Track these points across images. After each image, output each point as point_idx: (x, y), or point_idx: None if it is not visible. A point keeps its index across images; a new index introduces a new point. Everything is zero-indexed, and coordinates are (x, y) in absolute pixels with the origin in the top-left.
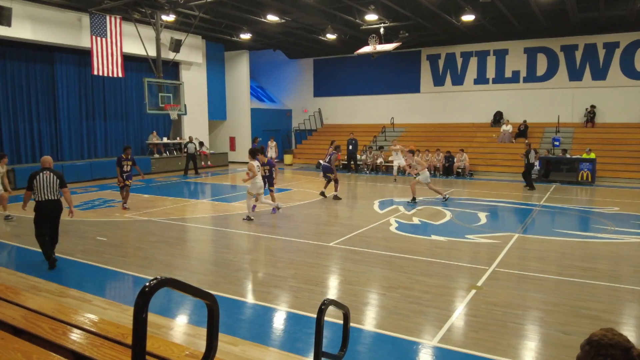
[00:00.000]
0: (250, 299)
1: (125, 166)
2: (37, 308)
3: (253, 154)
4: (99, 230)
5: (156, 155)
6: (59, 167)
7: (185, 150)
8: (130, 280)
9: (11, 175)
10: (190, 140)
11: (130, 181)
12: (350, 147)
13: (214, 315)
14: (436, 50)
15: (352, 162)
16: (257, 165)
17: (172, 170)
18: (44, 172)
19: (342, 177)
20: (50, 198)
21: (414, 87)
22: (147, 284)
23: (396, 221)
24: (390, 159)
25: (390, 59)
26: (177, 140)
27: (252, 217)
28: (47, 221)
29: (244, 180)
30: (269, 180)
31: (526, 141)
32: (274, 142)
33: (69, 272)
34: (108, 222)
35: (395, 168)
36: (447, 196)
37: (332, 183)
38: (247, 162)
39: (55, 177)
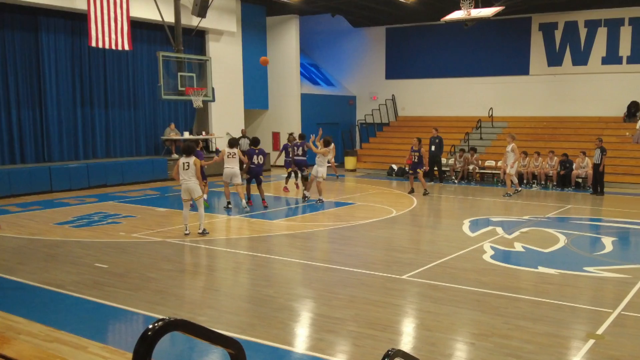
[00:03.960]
0: (296, 347)
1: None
2: (16, 357)
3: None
4: (97, 254)
5: (175, 156)
6: (45, 169)
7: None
8: (139, 321)
9: None
10: (244, 135)
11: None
12: (433, 148)
13: None
14: (552, 17)
15: (435, 168)
16: (228, 152)
17: None
18: None
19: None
20: None
21: (521, 68)
22: (150, 326)
23: (492, 247)
24: (498, 164)
25: (490, 29)
26: (203, 135)
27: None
28: None
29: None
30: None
31: None
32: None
33: (58, 309)
34: (110, 243)
35: (507, 178)
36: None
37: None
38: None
39: None
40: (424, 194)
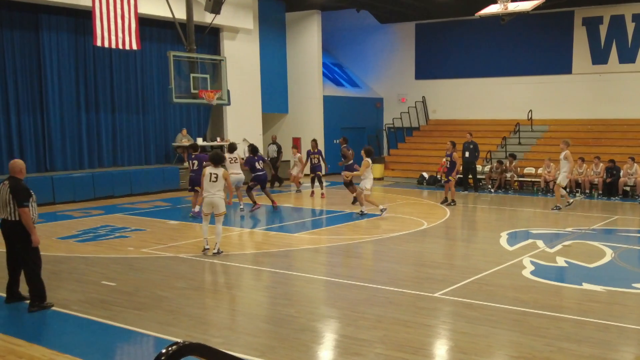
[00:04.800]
0: None
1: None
2: None
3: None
4: (104, 271)
5: (187, 164)
6: (47, 179)
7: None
8: (150, 344)
9: None
10: (274, 141)
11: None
12: (467, 154)
13: None
14: (596, 11)
15: (470, 176)
16: (229, 158)
17: None
18: (4, 182)
19: (457, 197)
20: (5, 217)
21: (563, 66)
22: (164, 350)
23: (532, 262)
24: (539, 171)
25: (529, 24)
26: (217, 142)
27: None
28: (9, 246)
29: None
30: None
31: None
32: (298, 153)
33: (63, 330)
34: (118, 259)
35: (557, 189)
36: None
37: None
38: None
39: (9, 190)
40: (449, 204)
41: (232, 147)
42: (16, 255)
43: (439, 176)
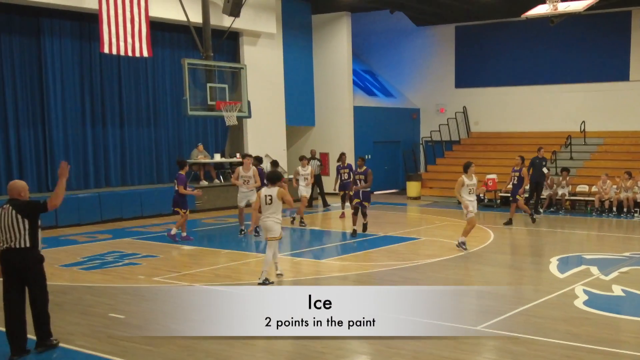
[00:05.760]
0: None
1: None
2: None
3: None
4: (112, 302)
5: (203, 183)
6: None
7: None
8: None
9: None
10: (313, 156)
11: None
12: (532, 170)
13: None
14: None
15: (534, 195)
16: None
17: (228, 206)
18: (4, 206)
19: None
20: (11, 246)
21: (619, 72)
22: None
23: (585, 291)
24: (593, 189)
25: (580, 26)
26: (237, 158)
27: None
28: (16, 281)
29: None
30: None
31: None
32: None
33: None
34: (127, 289)
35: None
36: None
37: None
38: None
39: (14, 212)
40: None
41: (259, 161)
42: (22, 293)
43: (482, 195)
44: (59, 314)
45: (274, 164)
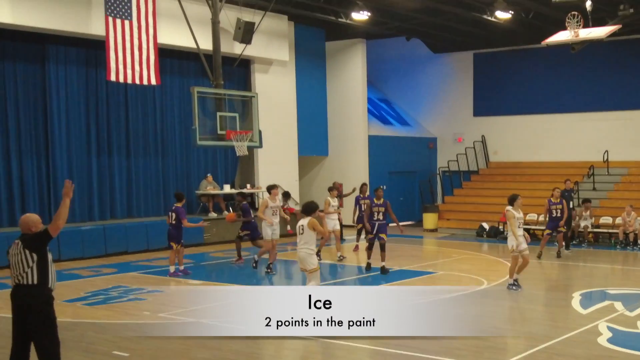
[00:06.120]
0: None
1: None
2: None
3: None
4: (116, 339)
5: (212, 215)
6: None
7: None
8: None
9: None
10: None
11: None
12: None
13: None
14: None
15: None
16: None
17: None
18: (16, 241)
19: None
20: (21, 282)
21: None
22: None
23: (609, 328)
24: (617, 221)
25: (603, 53)
26: (248, 189)
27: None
28: (19, 324)
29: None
30: None
31: None
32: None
33: None
34: (132, 325)
35: None
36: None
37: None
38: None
39: (22, 247)
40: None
41: (243, 197)
42: (26, 346)
43: (501, 227)
44: (61, 352)
45: (286, 195)
